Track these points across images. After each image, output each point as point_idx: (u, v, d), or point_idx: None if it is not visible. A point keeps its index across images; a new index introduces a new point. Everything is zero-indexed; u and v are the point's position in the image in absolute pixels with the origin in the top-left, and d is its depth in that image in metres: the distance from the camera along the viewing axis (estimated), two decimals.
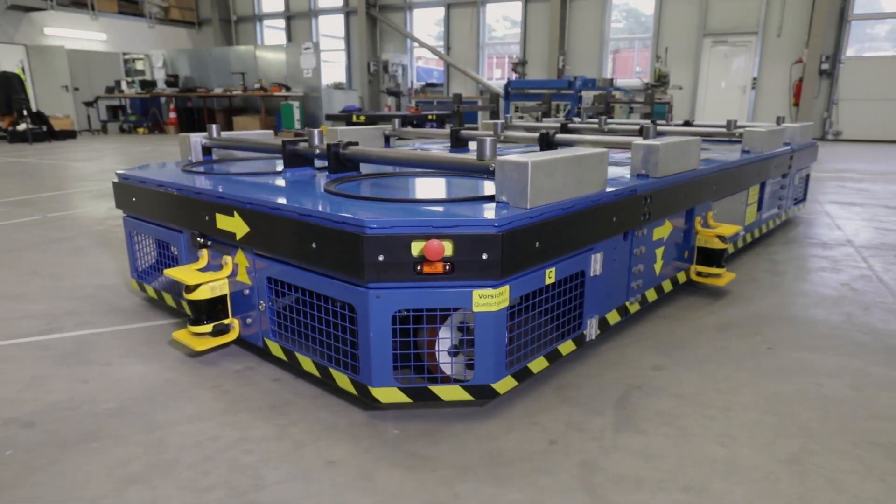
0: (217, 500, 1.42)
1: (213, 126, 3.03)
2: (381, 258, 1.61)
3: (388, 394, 1.73)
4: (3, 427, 1.74)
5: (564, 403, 1.87)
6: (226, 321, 2.19)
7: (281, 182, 2.30)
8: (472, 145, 3.69)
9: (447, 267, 1.62)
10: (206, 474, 1.52)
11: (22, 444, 1.65)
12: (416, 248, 1.61)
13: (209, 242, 2.22)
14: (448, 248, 1.61)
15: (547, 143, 2.99)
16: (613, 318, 2.28)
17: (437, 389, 1.73)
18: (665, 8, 15.26)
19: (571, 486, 1.47)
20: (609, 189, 2.08)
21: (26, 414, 1.81)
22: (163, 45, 20.47)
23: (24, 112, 12.73)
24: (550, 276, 1.86)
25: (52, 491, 1.46)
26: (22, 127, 12.73)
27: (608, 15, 15.96)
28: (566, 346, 2.02)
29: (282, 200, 1.90)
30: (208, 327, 2.14)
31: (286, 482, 1.49)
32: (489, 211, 1.71)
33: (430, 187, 2.24)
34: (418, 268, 1.62)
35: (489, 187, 2.13)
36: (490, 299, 1.65)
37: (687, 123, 4.61)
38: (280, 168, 2.68)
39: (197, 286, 2.10)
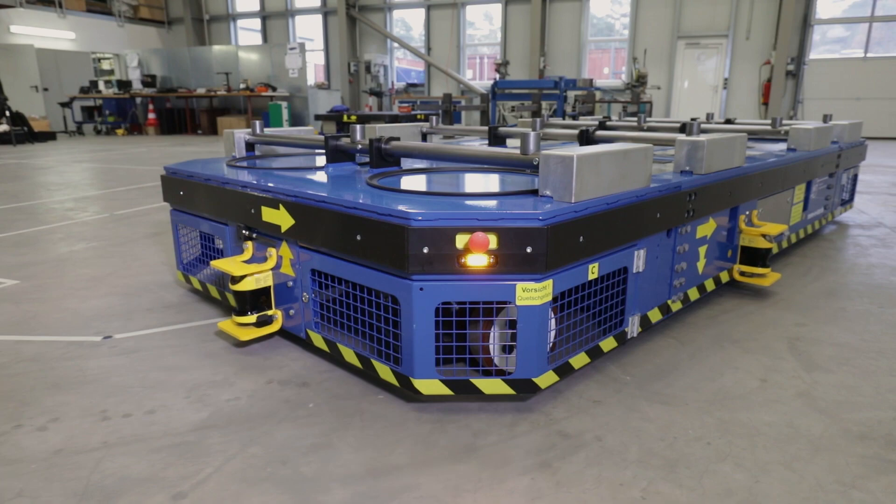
0: (531, 425, 1.69)
1: (257, 122, 3.11)
2: (425, 250, 1.62)
3: (430, 386, 1.74)
4: (283, 387, 1.95)
5: (747, 354, 2.20)
6: (269, 312, 2.25)
7: (324, 176, 2.33)
8: (510, 142, 3.76)
9: (491, 260, 1.63)
10: (503, 409, 1.78)
11: (314, 399, 1.87)
12: (461, 240, 1.62)
13: (254, 235, 2.28)
14: (493, 241, 1.61)
15: (587, 140, 2.97)
16: (655, 315, 2.28)
17: (479, 382, 1.75)
18: (640, 11, 15.94)
19: (805, 411, 1.80)
20: (653, 185, 2.08)
21: (291, 377, 2.02)
22: (132, 44, 20.02)
23: (7, 113, 12.33)
24: (594, 271, 1.86)
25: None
26: (3, 128, 12.33)
27: (586, 17, 16.53)
28: (608, 343, 2.03)
29: (326, 193, 1.92)
30: (252, 318, 2.20)
31: (573, 416, 1.76)
32: (533, 204, 1.71)
33: (472, 182, 2.26)
34: (462, 260, 1.63)
35: (532, 183, 2.13)
36: (533, 293, 1.65)
37: (729, 122, 4.93)
38: (322, 163, 2.72)
39: (242, 277, 2.15)
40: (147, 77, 17.60)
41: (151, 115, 16.57)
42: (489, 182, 2.23)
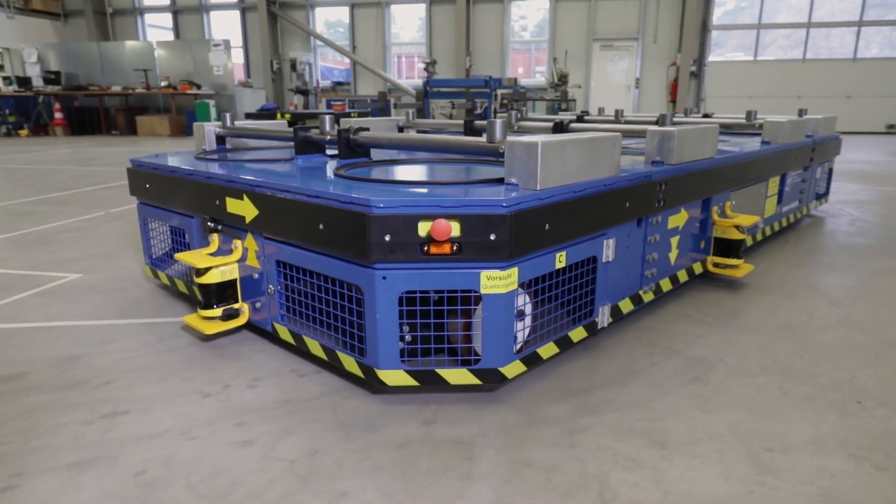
0: (664, 355, 2.08)
1: (227, 115, 3.06)
2: (387, 238, 1.59)
3: (395, 376, 1.72)
4: None
5: (786, 298, 2.72)
6: (235, 305, 2.21)
7: (291, 167, 2.33)
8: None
9: (454, 248, 1.61)
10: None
11: None
12: (424, 228, 1.60)
13: (220, 227, 2.24)
14: (455, 228, 1.59)
15: (561, 132, 2.94)
16: (626, 306, 2.27)
17: (444, 373, 1.72)
18: (558, 14, 16.92)
19: (853, 331, 2.32)
20: (622, 174, 2.08)
21: None
22: (23, 38, 18.49)
23: None
24: (561, 260, 1.84)
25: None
26: None
27: (508, 19, 17.30)
28: (577, 333, 2.02)
29: (289, 182, 1.91)
30: (218, 311, 2.16)
31: (690, 347, 2.17)
32: (498, 192, 1.70)
33: (439, 172, 2.26)
34: (425, 248, 1.61)
35: (500, 173, 2.08)
36: (498, 281, 1.64)
37: (706, 116, 4.86)
38: (292, 155, 2.70)
39: (207, 270, 2.12)
40: (49, 73, 16.35)
41: (58, 115, 15.44)
42: (458, 172, 2.21)
